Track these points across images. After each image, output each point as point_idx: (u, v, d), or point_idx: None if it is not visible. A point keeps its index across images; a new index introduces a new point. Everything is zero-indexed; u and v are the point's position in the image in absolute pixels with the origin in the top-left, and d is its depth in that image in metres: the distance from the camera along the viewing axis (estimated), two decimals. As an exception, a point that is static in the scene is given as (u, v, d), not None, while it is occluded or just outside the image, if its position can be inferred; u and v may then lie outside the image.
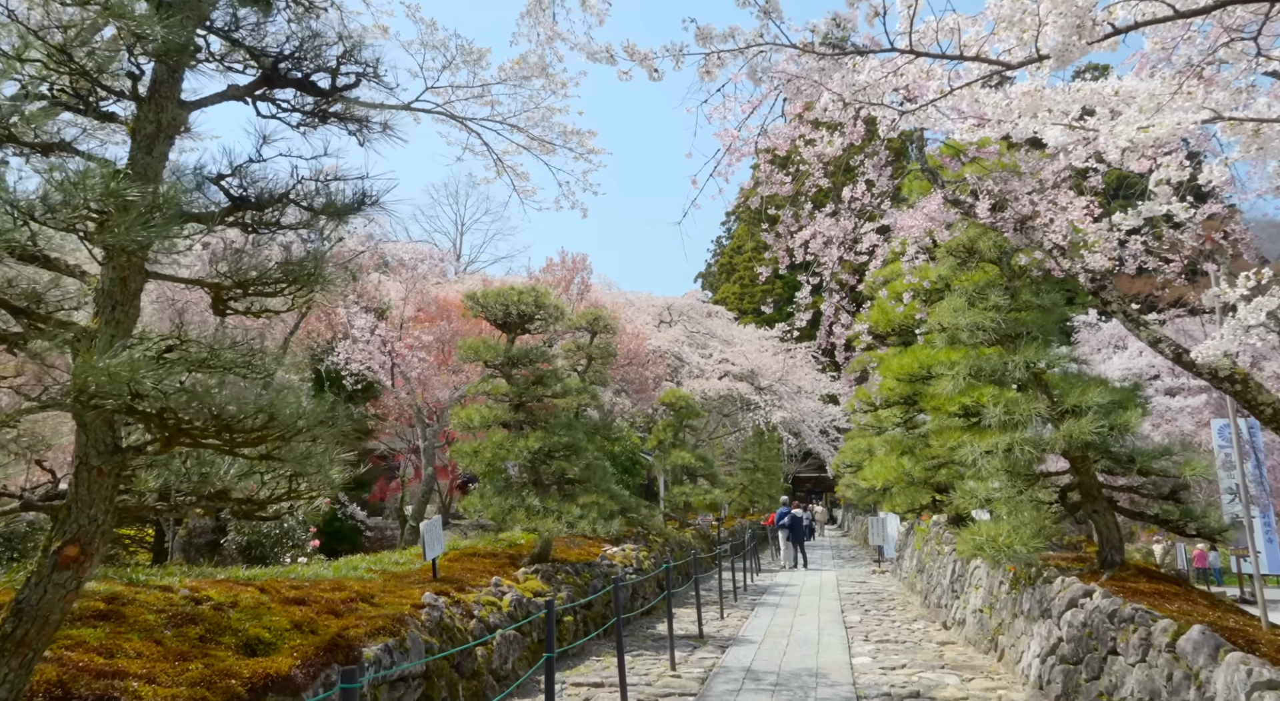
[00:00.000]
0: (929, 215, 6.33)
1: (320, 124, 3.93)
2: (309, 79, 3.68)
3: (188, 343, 3.67)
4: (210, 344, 3.66)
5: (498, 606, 8.55)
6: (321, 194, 3.61)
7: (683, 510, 21.45)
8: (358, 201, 3.64)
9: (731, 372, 30.70)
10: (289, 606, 6.06)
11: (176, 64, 3.33)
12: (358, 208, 3.65)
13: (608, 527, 10.68)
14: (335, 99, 3.77)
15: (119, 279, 3.37)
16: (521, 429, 11.50)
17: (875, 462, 14.71)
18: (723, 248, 75.20)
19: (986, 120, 4.40)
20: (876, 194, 7.25)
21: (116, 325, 3.40)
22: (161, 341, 3.66)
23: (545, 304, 11.83)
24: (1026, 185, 6.12)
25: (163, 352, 3.61)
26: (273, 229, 3.72)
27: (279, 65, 3.57)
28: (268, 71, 3.58)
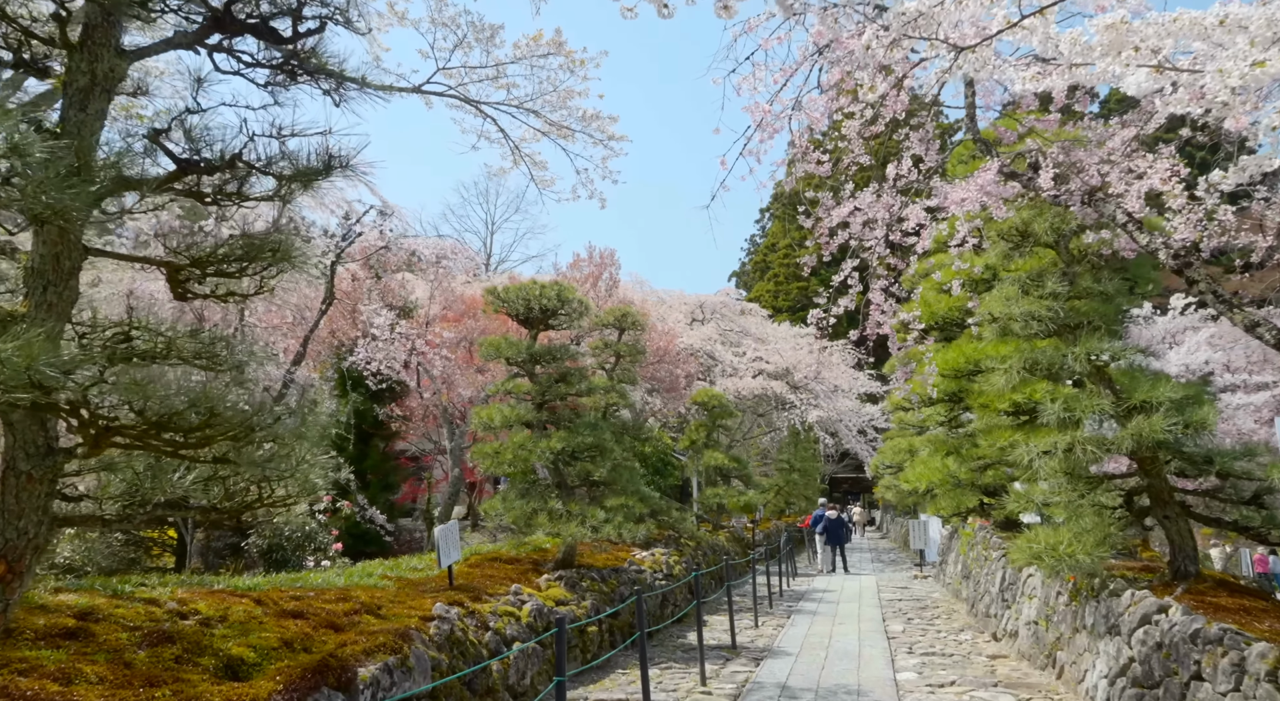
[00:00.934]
0: (983, 188, 5.70)
1: (290, 82, 3.44)
2: (267, 24, 3.19)
3: (141, 330, 3.20)
4: (165, 333, 3.19)
5: (516, 617, 8.06)
6: (285, 158, 3.11)
7: (716, 512, 20.83)
8: (323, 164, 3.14)
9: (766, 371, 30.00)
10: (284, 620, 5.61)
11: (111, 3, 2.86)
12: (324, 171, 3.16)
13: (634, 532, 10.14)
14: (303, 52, 3.28)
15: (50, 255, 2.91)
16: (545, 429, 11.01)
17: (918, 463, 13.98)
18: (756, 246, 74.39)
19: (1054, 65, 3.79)
20: (924, 170, 6.62)
21: (49, 308, 2.95)
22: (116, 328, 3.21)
23: (569, 298, 11.33)
24: (1093, 155, 5.46)
25: (116, 341, 3.15)
26: (233, 199, 3.23)
27: (231, 6, 3.09)
28: (218, 14, 3.10)
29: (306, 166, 3.16)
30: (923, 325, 8.28)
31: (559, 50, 7.77)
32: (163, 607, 5.22)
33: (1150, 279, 9.26)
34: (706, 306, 35.04)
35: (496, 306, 11.40)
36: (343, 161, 3.18)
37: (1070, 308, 8.07)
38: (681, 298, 34.97)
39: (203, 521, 3.43)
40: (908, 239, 7.24)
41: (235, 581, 6.69)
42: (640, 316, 16.29)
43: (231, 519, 3.53)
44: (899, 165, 6.87)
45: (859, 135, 6.78)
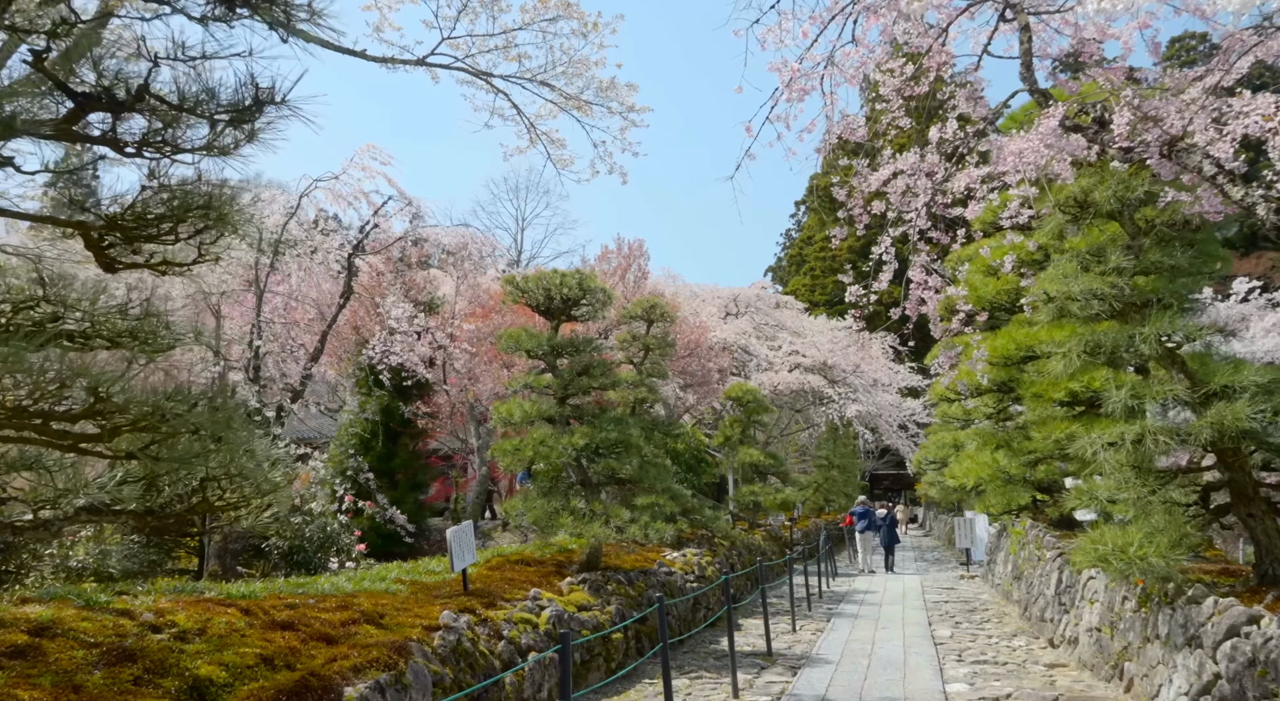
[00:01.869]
0: (1044, 139, 5.00)
1: (230, 15, 2.92)
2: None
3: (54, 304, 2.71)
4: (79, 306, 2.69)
5: (533, 624, 7.54)
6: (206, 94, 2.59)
7: (752, 511, 20.18)
8: (253, 101, 2.62)
9: (802, 365, 29.21)
10: (271, 632, 5.15)
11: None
12: (255, 107, 2.63)
13: (662, 532, 9.58)
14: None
15: (-72, 214, 2.42)
16: (568, 424, 10.49)
17: (964, 458, 13.21)
18: (791, 240, 73.41)
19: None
20: (971, 131, 5.94)
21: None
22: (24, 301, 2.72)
23: (591, 287, 10.79)
24: (1171, 103, 4.76)
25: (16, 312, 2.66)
26: (160, 150, 2.72)
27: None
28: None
29: (231, 102, 2.65)
30: (969, 306, 7.55)
31: (568, 12, 7.22)
32: (136, 619, 4.77)
33: (1218, 256, 8.45)
34: (740, 300, 34.31)
35: (515, 297, 10.90)
36: (271, 95, 2.66)
37: (1136, 284, 7.32)
38: (715, 291, 34.28)
39: (141, 528, 2.98)
40: (951, 211, 6.56)
41: (229, 588, 6.26)
42: (669, 308, 15.72)
43: (179, 525, 3.05)
44: (943, 127, 6.19)
45: (898, 94, 6.12)
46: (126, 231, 2.73)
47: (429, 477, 20.99)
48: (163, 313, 2.90)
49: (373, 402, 19.04)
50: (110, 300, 3.21)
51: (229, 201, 2.78)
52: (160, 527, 3.03)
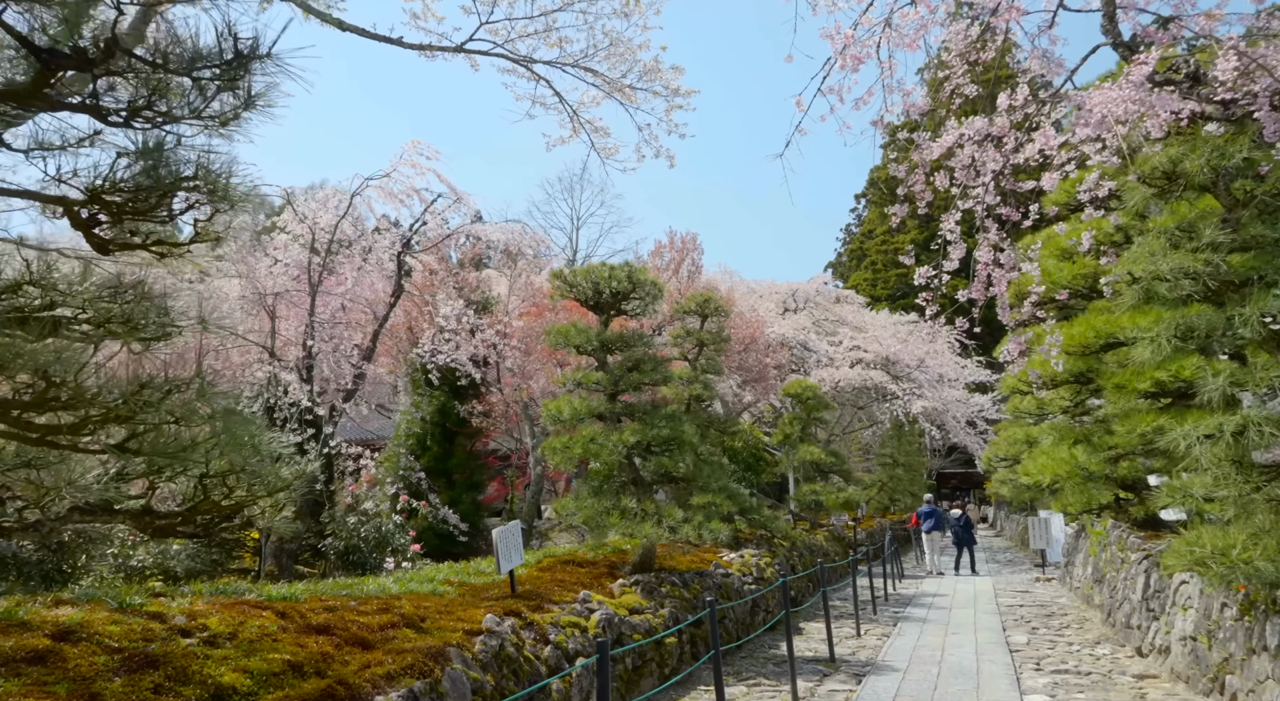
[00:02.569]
0: (1132, 91, 4.48)
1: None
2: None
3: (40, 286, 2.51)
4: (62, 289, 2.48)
5: (582, 628, 7.26)
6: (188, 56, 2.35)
7: (813, 510, 19.60)
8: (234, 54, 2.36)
9: (864, 360, 28.40)
10: (306, 636, 4.96)
11: None
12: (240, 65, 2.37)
13: (717, 532, 9.21)
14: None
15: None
16: (618, 422, 10.20)
17: (1038, 455, 12.48)
18: (852, 235, 72.06)
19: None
20: (1045, 96, 5.43)
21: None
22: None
23: (641, 281, 10.48)
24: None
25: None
26: (150, 120, 2.50)
27: None
28: None
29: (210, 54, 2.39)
30: (1042, 288, 6.97)
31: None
32: (167, 623, 4.63)
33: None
34: (799, 295, 33.59)
35: (564, 292, 10.66)
36: (255, 47, 2.40)
37: (1232, 262, 6.67)
38: (772, 287, 33.66)
39: (142, 529, 2.79)
40: (1023, 185, 6.03)
41: (269, 589, 6.12)
42: (723, 302, 15.32)
43: (185, 525, 2.84)
44: (1013, 94, 5.68)
45: (963, 59, 5.64)
46: (110, 206, 2.52)
47: (486, 477, 20.99)
48: (159, 297, 2.69)
49: (428, 402, 19.10)
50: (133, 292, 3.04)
51: (223, 173, 2.54)
52: (165, 529, 2.82)
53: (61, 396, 2.15)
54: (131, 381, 2.31)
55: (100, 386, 2.21)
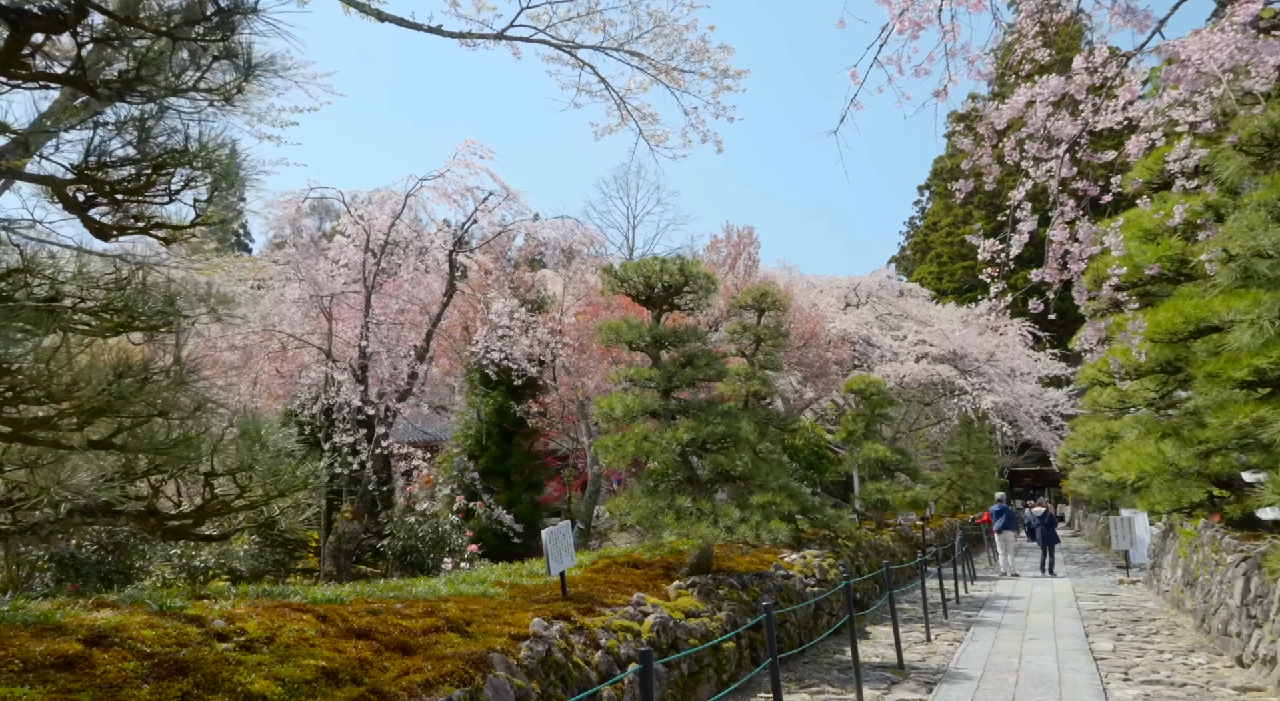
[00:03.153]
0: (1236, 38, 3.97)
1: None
2: None
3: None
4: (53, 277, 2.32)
5: (635, 632, 6.99)
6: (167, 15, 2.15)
7: (879, 509, 18.98)
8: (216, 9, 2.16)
9: (930, 354, 27.50)
10: (344, 641, 4.81)
11: None
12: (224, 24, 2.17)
13: (776, 532, 8.85)
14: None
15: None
16: (672, 419, 9.91)
17: (1121, 450, 11.73)
18: (915, 228, 70.50)
19: None
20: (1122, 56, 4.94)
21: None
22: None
23: (693, 274, 10.17)
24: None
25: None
26: (140, 92, 2.32)
27: None
28: None
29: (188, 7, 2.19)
30: (1123, 270, 6.42)
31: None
32: (205, 627, 4.52)
33: None
34: (861, 289, 32.80)
35: (615, 286, 10.41)
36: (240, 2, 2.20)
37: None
38: (833, 281, 32.95)
39: (150, 531, 2.63)
40: (1101, 155, 5.54)
41: (314, 591, 6.03)
42: (781, 296, 14.89)
43: (197, 526, 2.67)
44: (1090, 57, 5.20)
45: (1034, 19, 5.19)
46: (101, 186, 2.35)
47: (544, 477, 20.92)
48: (158, 285, 2.52)
49: (485, 403, 19.12)
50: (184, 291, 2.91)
51: (219, 146, 2.35)
52: (177, 531, 2.65)
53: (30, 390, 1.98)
54: (108, 371, 2.14)
55: (76, 376, 2.04)
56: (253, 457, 2.66)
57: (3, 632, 3.84)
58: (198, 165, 2.35)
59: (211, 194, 2.49)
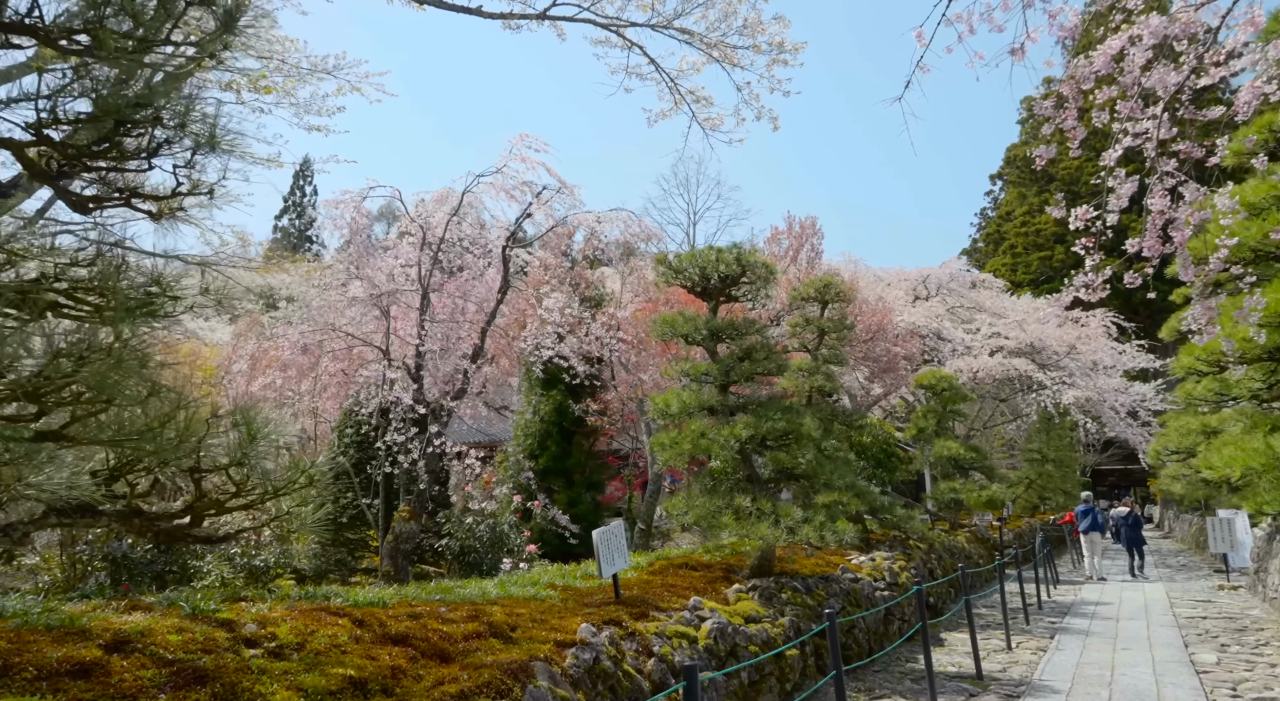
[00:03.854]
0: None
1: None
2: None
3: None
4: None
5: (690, 638, 6.62)
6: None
7: (953, 509, 18.16)
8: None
9: (1006, 348, 26.35)
10: (380, 647, 4.57)
11: None
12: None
13: (842, 533, 8.36)
14: None
15: None
16: (731, 415, 9.50)
17: (1222, 446, 10.82)
18: (988, 219, 68.20)
19: None
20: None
21: None
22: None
23: (751, 263, 9.75)
24: None
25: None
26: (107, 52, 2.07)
27: None
28: None
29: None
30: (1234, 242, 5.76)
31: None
32: (235, 631, 4.33)
33: None
34: (931, 281, 31.66)
35: (669, 278, 10.06)
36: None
37: None
38: (900, 274, 31.90)
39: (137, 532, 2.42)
40: (1206, 112, 4.93)
41: (355, 593, 5.84)
42: (845, 288, 14.31)
43: (193, 528, 2.44)
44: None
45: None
46: (64, 148, 2.12)
47: (605, 477, 20.71)
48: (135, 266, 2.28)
49: (544, 402, 18.98)
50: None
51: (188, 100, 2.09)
52: (173, 533, 2.42)
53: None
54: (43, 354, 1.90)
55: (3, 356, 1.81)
56: (242, 452, 2.41)
57: (23, 637, 3.71)
58: (169, 121, 2.10)
59: (192, 157, 2.24)
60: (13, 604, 4.23)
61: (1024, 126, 64.33)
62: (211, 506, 2.58)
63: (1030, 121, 63.09)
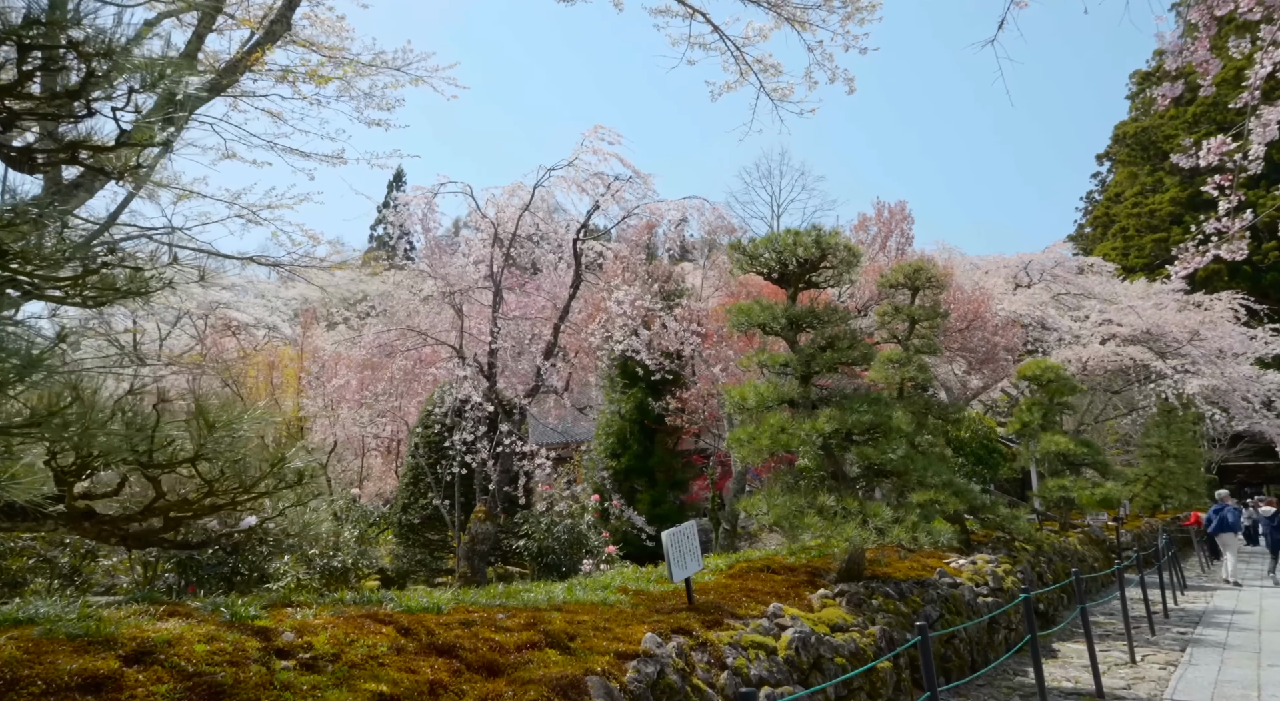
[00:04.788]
0: None
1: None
2: None
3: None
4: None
5: (769, 649, 6.09)
6: None
7: (1063, 509, 16.89)
8: None
9: (1119, 335, 24.57)
10: (423, 658, 4.25)
11: None
12: None
13: (937, 534, 7.66)
14: None
15: None
16: (813, 408, 8.89)
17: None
18: (1094, 203, 64.51)
19: None
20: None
21: None
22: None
23: (831, 245, 9.11)
24: None
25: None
26: None
27: None
28: None
29: None
30: None
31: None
32: (271, 640, 4.08)
33: None
34: (1033, 267, 29.91)
35: (744, 264, 9.51)
36: None
37: None
38: (999, 261, 30.28)
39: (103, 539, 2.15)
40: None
41: (409, 599, 5.56)
42: (937, 273, 13.43)
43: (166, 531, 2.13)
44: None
45: None
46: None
47: (689, 476, 20.23)
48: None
49: (625, 400, 18.65)
50: None
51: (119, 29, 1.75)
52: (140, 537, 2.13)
53: None
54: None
55: None
56: (201, 445, 2.09)
57: (42, 647, 3.51)
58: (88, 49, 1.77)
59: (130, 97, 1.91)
60: (47, 609, 4.10)
61: (1134, 102, 60.50)
62: (174, 507, 2.28)
63: (1141, 96, 59.24)
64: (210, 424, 2.20)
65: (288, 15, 7.18)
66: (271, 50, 6.84)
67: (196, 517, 2.36)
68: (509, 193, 12.99)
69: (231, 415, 2.30)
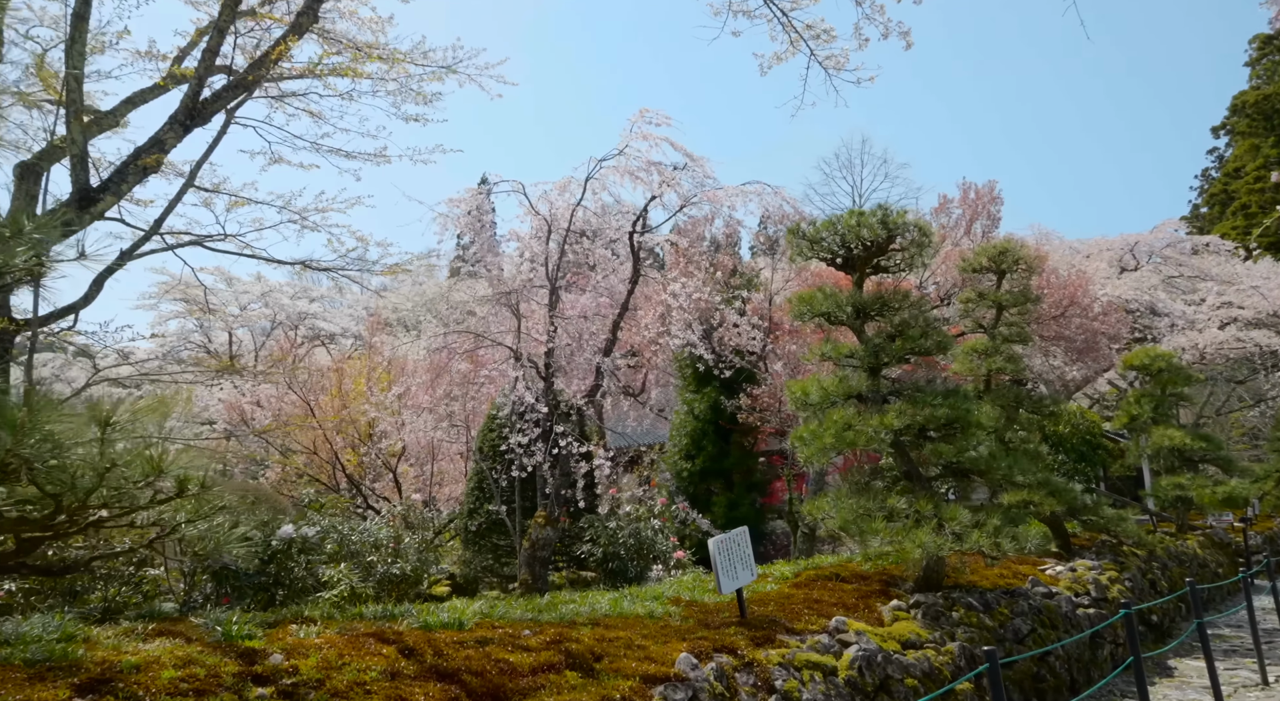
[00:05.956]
0: None
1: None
2: None
3: None
4: None
5: (828, 669, 5.47)
6: None
7: (1179, 508, 15.43)
8: None
9: (1241, 318, 22.51)
10: (418, 685, 3.86)
11: None
12: None
13: (1020, 540, 6.86)
14: None
15: None
16: (883, 402, 8.17)
17: None
18: (1210, 180, 60.09)
19: None
20: None
21: None
22: None
23: (899, 225, 8.37)
24: None
25: None
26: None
27: None
28: None
29: None
30: None
31: None
32: (254, 664, 3.77)
33: None
34: (1140, 248, 27.86)
35: (804, 250, 8.86)
36: None
37: None
38: (1101, 243, 28.33)
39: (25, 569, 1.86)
40: None
41: (428, 615, 5.20)
42: (1027, 255, 12.38)
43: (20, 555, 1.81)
44: None
45: None
46: None
47: (769, 477, 19.51)
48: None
49: (699, 400, 18.08)
50: None
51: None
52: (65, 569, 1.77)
53: None
54: None
55: None
56: (49, 448, 1.73)
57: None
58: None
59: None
60: (29, 628, 3.88)
61: (1254, 68, 56.14)
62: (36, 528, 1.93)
63: (1263, 62, 54.84)
64: (106, 420, 1.83)
65: (314, 7, 6.99)
66: (296, 42, 6.66)
67: (57, 537, 2.03)
68: (560, 188, 12.63)
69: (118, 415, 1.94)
